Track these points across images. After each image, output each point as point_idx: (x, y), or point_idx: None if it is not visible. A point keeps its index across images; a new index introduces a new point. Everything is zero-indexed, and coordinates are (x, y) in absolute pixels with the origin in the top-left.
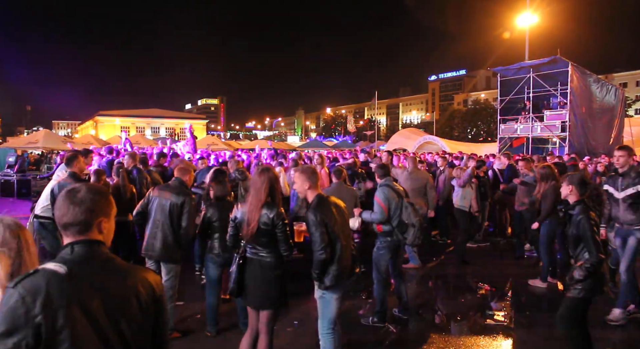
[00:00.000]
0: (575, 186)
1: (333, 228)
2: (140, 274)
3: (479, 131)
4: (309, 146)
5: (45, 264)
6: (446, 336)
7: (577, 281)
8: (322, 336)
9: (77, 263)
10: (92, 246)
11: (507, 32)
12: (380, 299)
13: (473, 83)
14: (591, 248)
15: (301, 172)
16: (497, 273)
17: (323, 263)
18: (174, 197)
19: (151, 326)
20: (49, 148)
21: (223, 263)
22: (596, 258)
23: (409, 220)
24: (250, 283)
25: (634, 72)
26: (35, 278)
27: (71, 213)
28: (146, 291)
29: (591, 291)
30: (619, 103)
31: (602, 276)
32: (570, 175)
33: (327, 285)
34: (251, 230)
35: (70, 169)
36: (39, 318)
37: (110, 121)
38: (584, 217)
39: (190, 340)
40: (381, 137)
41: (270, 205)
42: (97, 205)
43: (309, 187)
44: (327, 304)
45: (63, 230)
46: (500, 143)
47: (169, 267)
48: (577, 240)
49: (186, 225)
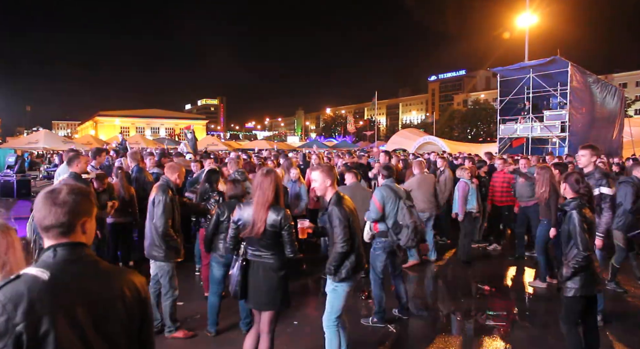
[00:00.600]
0: (570, 184)
1: (353, 223)
2: (125, 276)
3: (478, 131)
4: (308, 146)
5: (27, 269)
6: (446, 336)
7: (567, 279)
8: (327, 328)
9: (60, 267)
10: (75, 248)
11: (507, 32)
12: (378, 300)
13: (473, 84)
14: (578, 243)
15: (321, 170)
16: (497, 273)
17: (343, 255)
18: (154, 196)
19: (137, 328)
20: (48, 149)
21: (227, 263)
22: (582, 255)
23: (403, 221)
24: (253, 284)
25: (633, 72)
26: (16, 285)
27: (53, 215)
28: (131, 293)
29: (583, 289)
30: (619, 103)
31: (594, 274)
32: (567, 174)
33: (342, 276)
34: (257, 231)
35: (72, 169)
36: (21, 326)
37: (110, 121)
38: (575, 212)
39: (190, 340)
40: (381, 137)
41: (276, 207)
42: (80, 206)
43: (330, 184)
44: (338, 297)
45: (44, 232)
46: (500, 144)
47: (158, 265)
48: (569, 236)
49: (155, 220)
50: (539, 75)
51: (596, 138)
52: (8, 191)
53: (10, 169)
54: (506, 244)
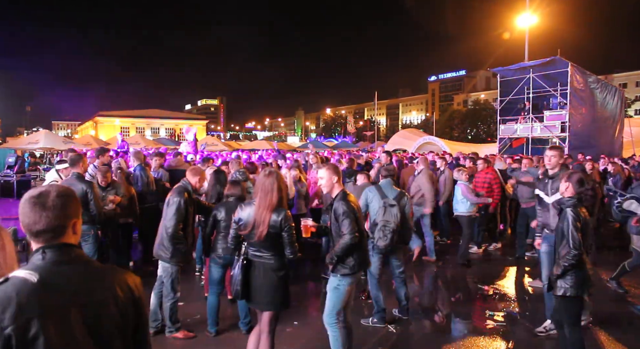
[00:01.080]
0: (573, 183)
1: (358, 220)
2: (118, 276)
3: (478, 131)
4: (304, 147)
5: (15, 272)
6: (446, 336)
7: (557, 278)
8: (330, 326)
9: (49, 269)
10: (65, 249)
11: (506, 32)
12: (376, 300)
13: (473, 84)
14: (569, 241)
15: (327, 168)
16: (497, 273)
17: (350, 246)
18: (170, 196)
19: (131, 328)
20: (48, 149)
21: (225, 264)
22: (572, 253)
23: (377, 219)
24: (254, 285)
25: (633, 72)
26: (4, 288)
27: (45, 220)
28: (124, 293)
29: (573, 289)
30: (619, 103)
31: (585, 275)
32: (569, 172)
33: (347, 271)
34: (260, 234)
35: (75, 170)
36: (9, 329)
37: (110, 122)
38: (570, 210)
39: (190, 340)
40: (381, 137)
41: (277, 208)
42: (70, 208)
43: (337, 181)
44: (339, 295)
45: (34, 236)
46: (500, 144)
47: (163, 266)
48: (562, 234)
49: (166, 221)
50: (539, 76)
51: (596, 138)
52: (8, 191)
53: (10, 169)
54: (506, 244)
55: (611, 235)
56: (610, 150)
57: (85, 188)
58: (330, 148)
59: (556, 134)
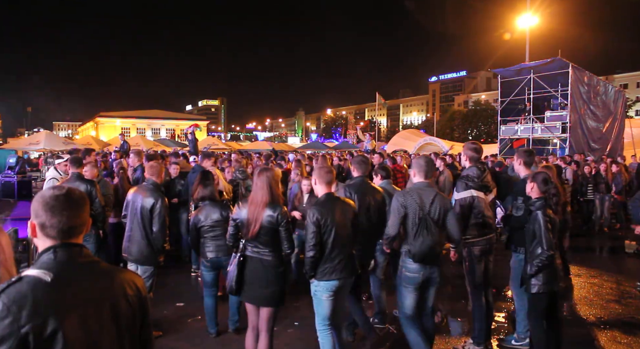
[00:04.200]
0: (538, 183)
1: (327, 228)
2: (125, 276)
3: (479, 132)
4: (309, 147)
5: (27, 271)
6: (446, 336)
7: (530, 276)
8: (318, 332)
9: (62, 268)
10: (77, 249)
11: (507, 33)
12: (377, 300)
13: (473, 85)
14: (542, 243)
15: (318, 168)
16: (497, 273)
17: (312, 259)
18: (145, 199)
19: (139, 327)
20: (49, 150)
21: (214, 266)
22: (546, 254)
23: None
24: (251, 280)
25: (634, 73)
26: (19, 286)
27: (66, 219)
28: (133, 293)
29: (546, 286)
30: (620, 104)
31: (555, 271)
32: (535, 173)
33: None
34: (253, 231)
35: (77, 170)
36: (26, 328)
37: (111, 122)
38: (540, 213)
39: (190, 340)
40: (381, 138)
41: (273, 204)
42: (87, 208)
43: (317, 183)
44: (319, 302)
45: (47, 234)
46: (500, 145)
47: (144, 268)
48: (533, 235)
49: (156, 228)
50: (539, 76)
51: (597, 139)
52: (9, 192)
53: (11, 170)
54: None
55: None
56: (611, 151)
57: (89, 188)
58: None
59: (557, 135)
